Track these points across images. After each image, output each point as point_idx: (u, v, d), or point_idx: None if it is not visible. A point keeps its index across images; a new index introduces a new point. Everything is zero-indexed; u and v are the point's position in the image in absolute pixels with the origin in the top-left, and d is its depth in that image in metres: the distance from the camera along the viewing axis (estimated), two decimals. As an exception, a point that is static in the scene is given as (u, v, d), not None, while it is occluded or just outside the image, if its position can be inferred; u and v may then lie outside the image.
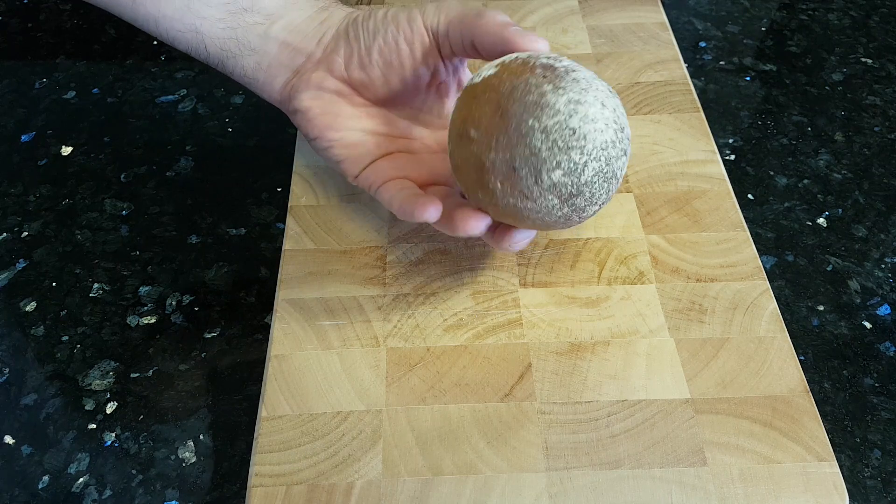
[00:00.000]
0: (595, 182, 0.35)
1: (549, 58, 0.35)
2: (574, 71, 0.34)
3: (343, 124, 0.43)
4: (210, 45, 0.44)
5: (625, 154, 0.36)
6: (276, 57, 0.44)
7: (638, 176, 0.51)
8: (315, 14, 0.44)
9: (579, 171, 0.34)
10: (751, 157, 0.57)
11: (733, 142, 0.58)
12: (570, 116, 0.33)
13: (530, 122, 0.33)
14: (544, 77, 0.34)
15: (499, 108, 0.34)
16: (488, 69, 0.36)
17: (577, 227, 0.47)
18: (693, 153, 0.52)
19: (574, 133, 0.33)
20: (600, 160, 0.34)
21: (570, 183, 0.34)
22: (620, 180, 0.37)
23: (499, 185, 0.35)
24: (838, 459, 0.38)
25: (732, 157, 0.57)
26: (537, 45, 0.38)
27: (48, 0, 0.71)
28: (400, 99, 0.44)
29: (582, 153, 0.34)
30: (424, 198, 0.38)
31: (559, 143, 0.33)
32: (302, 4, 0.44)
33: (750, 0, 0.70)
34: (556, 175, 0.34)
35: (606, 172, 0.35)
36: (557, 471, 0.37)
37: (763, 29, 0.68)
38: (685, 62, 0.59)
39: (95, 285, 0.50)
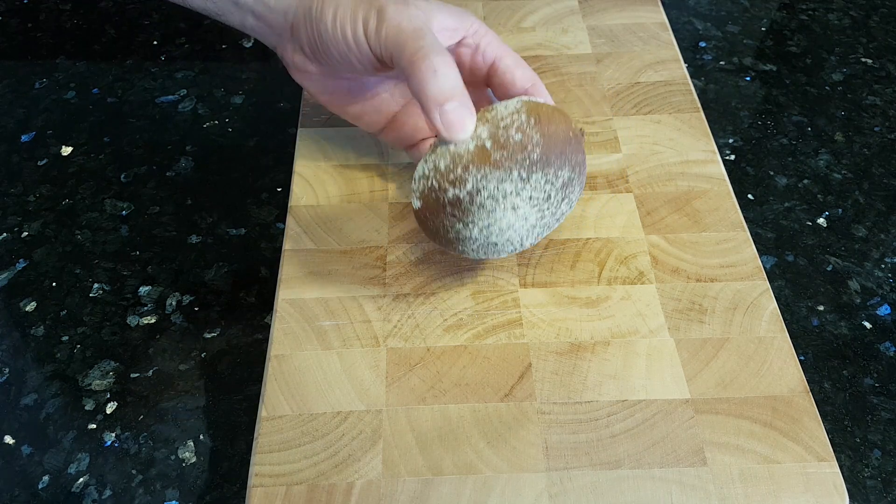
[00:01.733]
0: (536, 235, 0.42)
1: (455, 183, 0.38)
2: (480, 193, 0.37)
3: (339, 101, 0.47)
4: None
5: (563, 202, 0.41)
6: (258, 29, 0.46)
7: (638, 176, 0.51)
8: None
9: (516, 250, 0.41)
10: (751, 157, 0.57)
11: (733, 142, 0.58)
12: (488, 237, 0.39)
13: (459, 248, 0.40)
14: (454, 216, 0.38)
15: (435, 239, 0.42)
16: (415, 197, 0.40)
17: (577, 226, 0.47)
18: (693, 153, 0.52)
19: (497, 245, 0.40)
20: (532, 236, 0.41)
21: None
22: (573, 203, 0.42)
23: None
24: (838, 459, 0.38)
25: (732, 157, 0.57)
26: (434, 86, 0.37)
27: (48, 0, 0.71)
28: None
29: (514, 245, 0.40)
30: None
31: (489, 252, 0.41)
32: None
33: (750, 0, 0.70)
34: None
35: (546, 227, 0.41)
36: (557, 471, 0.37)
37: (763, 29, 0.68)
38: (685, 62, 0.59)
39: (95, 285, 0.50)
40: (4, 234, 0.53)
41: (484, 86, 0.46)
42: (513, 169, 0.37)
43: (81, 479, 0.41)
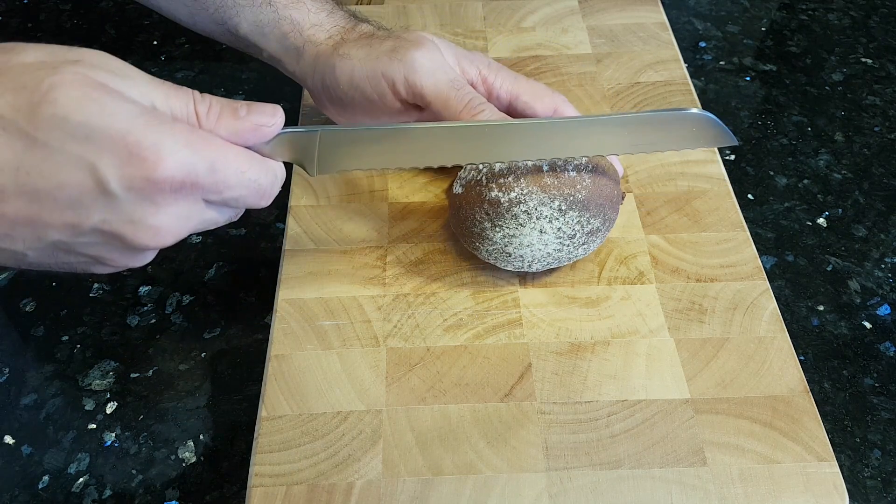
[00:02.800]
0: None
1: (501, 187, 0.40)
2: (519, 204, 0.40)
3: (359, 121, 0.48)
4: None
5: (582, 245, 0.42)
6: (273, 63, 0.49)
7: (638, 176, 0.51)
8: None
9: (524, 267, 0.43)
10: (751, 157, 0.57)
11: (733, 142, 0.58)
12: (505, 246, 0.42)
13: (476, 243, 0.43)
14: (487, 214, 0.41)
15: (458, 228, 0.44)
16: (459, 184, 0.43)
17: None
18: (693, 153, 0.52)
19: (509, 256, 0.42)
20: (541, 263, 0.42)
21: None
22: (589, 251, 0.44)
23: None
24: (838, 459, 0.38)
25: (732, 157, 0.57)
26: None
27: (48, 0, 0.71)
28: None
29: (523, 262, 0.42)
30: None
31: (498, 259, 0.43)
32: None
33: (750, 0, 0.70)
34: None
35: (557, 261, 0.43)
36: (557, 471, 0.37)
37: (763, 29, 0.68)
38: (685, 62, 0.59)
39: (95, 285, 0.50)
40: (4, 234, 0.53)
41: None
42: (556, 198, 0.40)
43: (81, 479, 0.41)
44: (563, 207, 0.40)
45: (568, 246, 0.42)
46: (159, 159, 0.29)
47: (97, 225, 0.30)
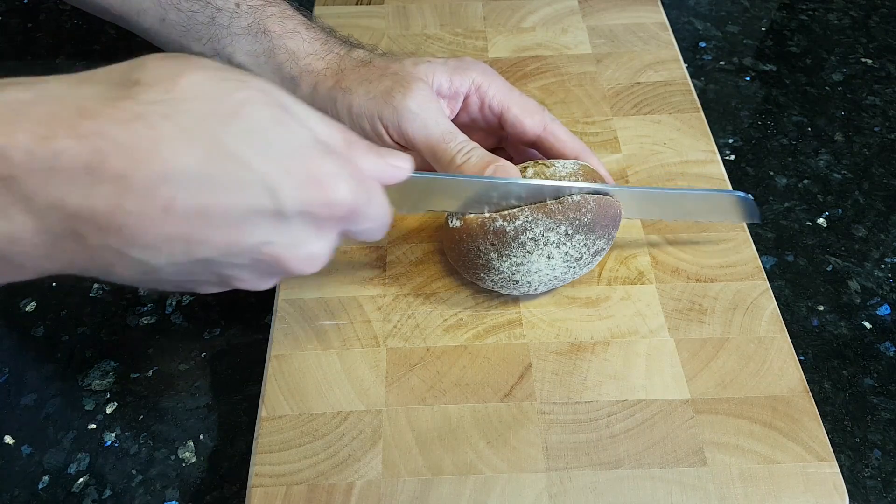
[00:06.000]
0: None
1: (506, 216, 0.39)
2: (525, 232, 0.39)
3: None
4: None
5: (587, 266, 0.42)
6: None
7: (638, 176, 0.51)
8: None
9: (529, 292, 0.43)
10: (751, 157, 0.57)
11: (733, 142, 0.58)
12: (513, 274, 0.41)
13: (481, 274, 0.42)
14: (492, 244, 0.40)
15: (460, 261, 0.43)
16: (455, 217, 0.41)
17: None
18: (693, 153, 0.52)
19: (517, 283, 0.42)
20: (547, 286, 0.42)
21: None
22: (591, 268, 0.44)
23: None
24: (838, 459, 0.38)
25: (732, 157, 0.57)
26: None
27: (48, 0, 0.71)
28: None
29: (529, 287, 0.42)
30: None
31: (504, 286, 0.42)
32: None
33: (750, 0, 0.70)
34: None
35: (561, 282, 0.43)
36: (557, 471, 0.37)
37: (763, 29, 0.68)
38: (685, 62, 0.59)
39: (95, 285, 0.49)
40: (4, 234, 0.53)
41: (501, 130, 0.47)
42: (562, 223, 0.39)
43: (81, 479, 0.41)
44: (570, 232, 0.40)
45: (574, 267, 0.42)
46: (336, 186, 0.30)
47: (257, 246, 0.29)
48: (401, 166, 0.36)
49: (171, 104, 0.27)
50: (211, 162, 0.27)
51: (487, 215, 0.40)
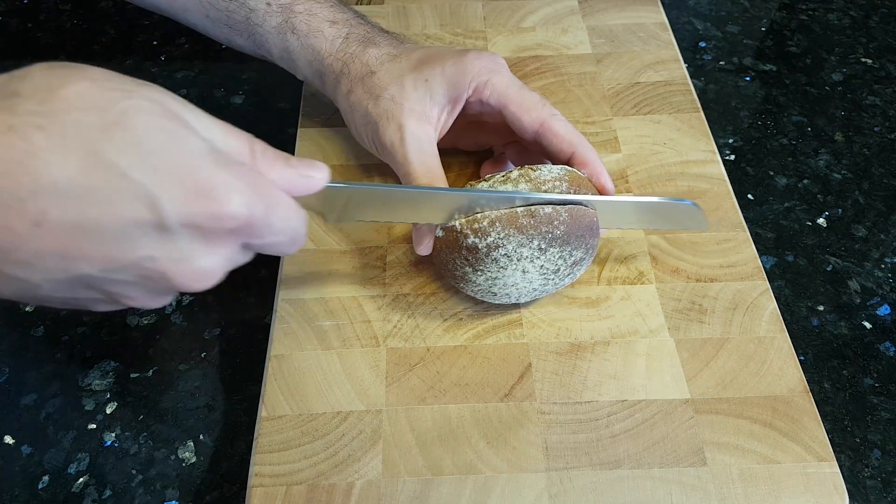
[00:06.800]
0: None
1: (477, 233, 0.39)
2: (497, 248, 0.39)
3: None
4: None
5: (567, 276, 0.42)
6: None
7: (638, 176, 0.51)
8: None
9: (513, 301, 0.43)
10: (751, 157, 0.57)
11: (733, 142, 0.58)
12: (490, 287, 0.41)
13: (461, 284, 0.42)
14: (466, 260, 0.40)
15: (441, 270, 0.43)
16: (438, 228, 0.41)
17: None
18: (693, 153, 0.52)
19: (495, 295, 0.41)
20: (529, 296, 0.42)
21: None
22: (576, 277, 0.43)
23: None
24: (838, 459, 0.38)
25: (732, 157, 0.57)
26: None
27: (48, 0, 0.71)
28: None
29: (510, 298, 0.42)
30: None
31: (485, 296, 0.42)
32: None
33: (750, 0, 0.70)
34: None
35: (545, 292, 0.43)
36: (557, 471, 0.37)
37: (763, 29, 0.68)
38: (685, 62, 0.59)
39: (95, 285, 0.49)
40: (4, 234, 0.53)
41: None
42: (534, 238, 0.39)
43: (81, 479, 0.41)
44: (543, 246, 0.39)
45: (553, 279, 0.41)
46: (227, 198, 0.29)
47: (139, 261, 0.28)
48: (313, 176, 0.34)
49: (47, 115, 0.26)
50: (87, 174, 0.26)
51: (459, 230, 0.39)
